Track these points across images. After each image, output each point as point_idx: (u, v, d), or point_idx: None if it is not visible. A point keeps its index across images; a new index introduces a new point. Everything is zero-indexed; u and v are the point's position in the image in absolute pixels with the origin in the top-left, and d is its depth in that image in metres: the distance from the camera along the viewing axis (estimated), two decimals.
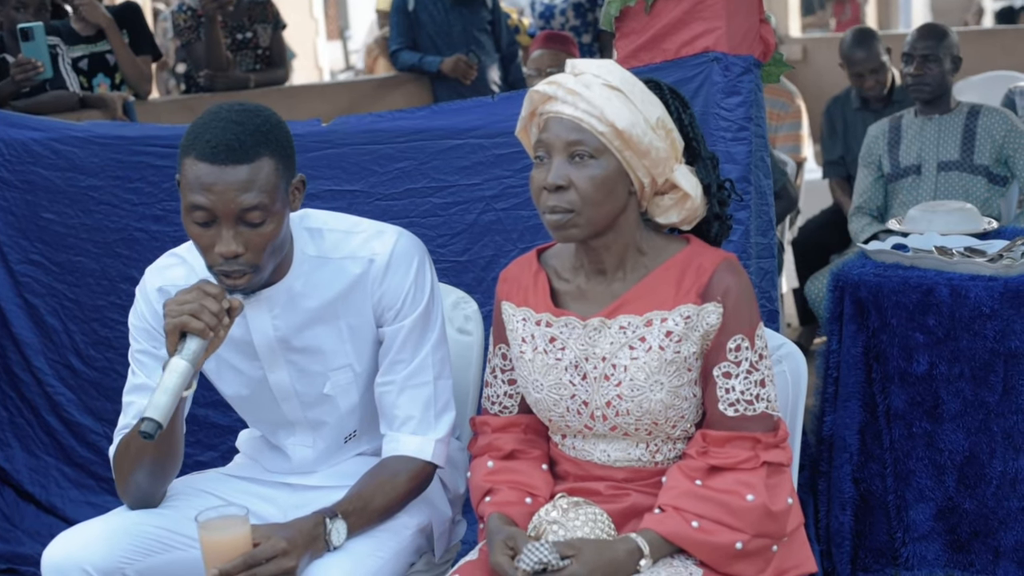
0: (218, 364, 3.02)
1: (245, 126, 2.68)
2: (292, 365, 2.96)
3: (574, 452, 2.83)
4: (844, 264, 3.94)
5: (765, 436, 2.69)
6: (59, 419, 4.63)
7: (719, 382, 2.70)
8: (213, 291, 2.64)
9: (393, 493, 2.91)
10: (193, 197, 2.66)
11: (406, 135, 3.98)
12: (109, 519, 2.89)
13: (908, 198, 5.42)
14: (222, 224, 2.67)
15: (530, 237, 3.84)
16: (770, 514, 2.64)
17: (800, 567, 2.73)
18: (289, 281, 2.90)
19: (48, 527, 4.58)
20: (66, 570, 2.76)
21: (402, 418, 2.95)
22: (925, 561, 3.82)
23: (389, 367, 2.96)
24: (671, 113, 2.71)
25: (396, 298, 2.92)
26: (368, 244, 2.93)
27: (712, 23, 3.50)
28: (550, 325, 2.79)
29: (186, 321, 2.60)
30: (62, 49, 6.26)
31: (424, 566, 3.08)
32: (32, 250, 4.52)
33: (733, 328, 2.69)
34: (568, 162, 2.63)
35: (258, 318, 2.91)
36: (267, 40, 7.51)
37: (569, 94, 2.62)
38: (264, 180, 2.67)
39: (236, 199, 2.65)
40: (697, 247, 2.77)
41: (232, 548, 2.63)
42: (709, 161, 2.78)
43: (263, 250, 2.71)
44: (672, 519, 2.62)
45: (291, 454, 3.09)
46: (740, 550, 2.62)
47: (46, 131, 4.47)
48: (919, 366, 3.72)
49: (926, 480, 3.78)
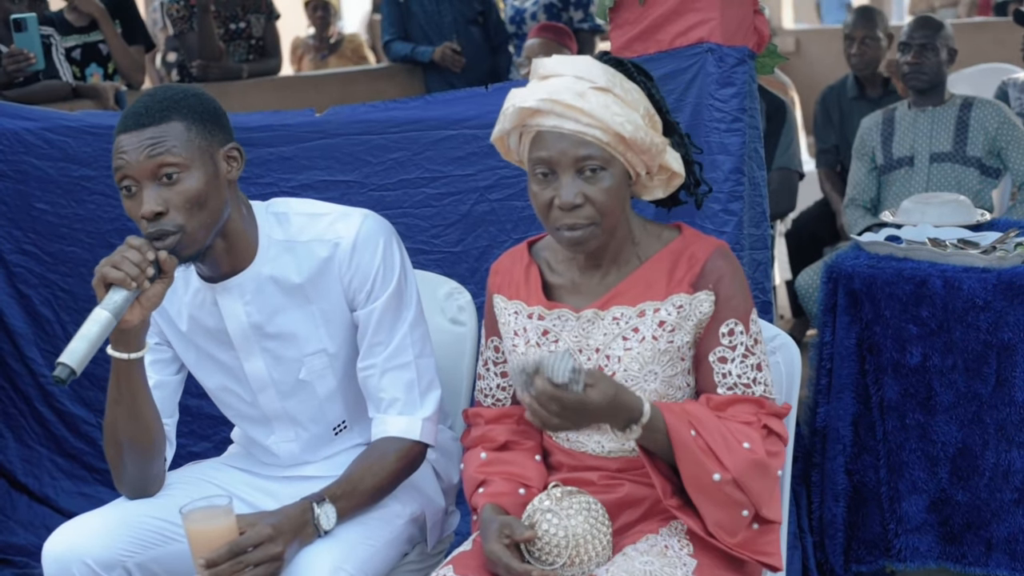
0: (198, 355, 3.02)
1: (155, 96, 2.77)
2: (267, 352, 2.96)
3: (568, 443, 2.83)
4: (838, 256, 3.94)
5: (768, 403, 2.68)
6: (52, 409, 4.63)
7: (715, 367, 2.70)
8: (136, 243, 2.65)
9: (382, 474, 2.90)
10: (115, 164, 2.73)
11: (400, 125, 3.97)
12: (108, 511, 2.89)
13: (901, 190, 5.43)
14: (142, 187, 2.70)
15: (524, 227, 3.83)
16: (758, 467, 2.60)
17: (766, 557, 2.68)
18: (257, 267, 2.90)
19: (41, 517, 4.58)
20: (67, 563, 2.76)
21: (388, 400, 2.94)
22: (918, 553, 3.82)
23: (368, 351, 2.95)
24: (644, 91, 2.69)
25: (365, 279, 2.91)
26: (333, 227, 2.93)
27: (706, 14, 3.49)
28: (542, 318, 2.79)
29: (106, 272, 2.60)
30: (56, 39, 6.25)
31: (417, 556, 3.07)
32: (25, 240, 4.51)
33: (726, 313, 2.69)
34: (578, 177, 2.61)
35: (230, 306, 2.92)
36: (260, 30, 7.51)
37: (568, 109, 2.58)
38: (174, 138, 2.71)
39: (145, 154, 2.68)
40: (689, 237, 2.77)
41: (217, 537, 2.63)
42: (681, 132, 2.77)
43: (183, 208, 2.71)
44: (680, 417, 2.59)
45: (276, 451, 3.09)
46: (716, 482, 2.56)
47: (39, 121, 4.46)
48: (912, 358, 3.72)
49: (919, 472, 3.78)
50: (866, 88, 6.63)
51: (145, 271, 2.62)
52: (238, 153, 2.85)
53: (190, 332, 2.98)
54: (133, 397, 2.78)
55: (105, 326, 2.59)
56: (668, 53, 3.52)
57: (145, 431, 2.83)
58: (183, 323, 2.98)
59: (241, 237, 2.88)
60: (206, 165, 2.75)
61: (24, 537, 4.57)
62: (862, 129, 5.67)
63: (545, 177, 2.64)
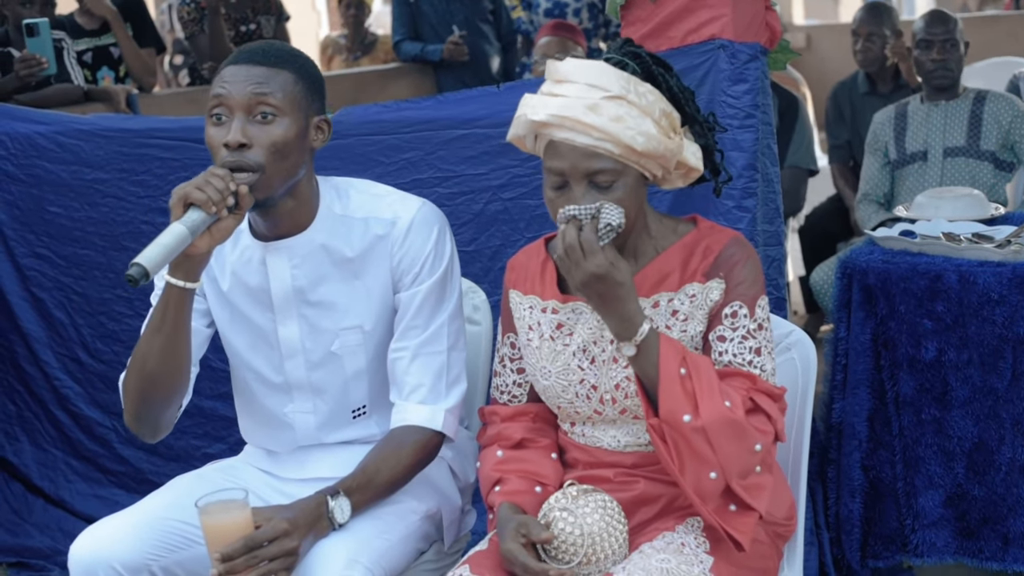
0: (231, 314, 3.02)
1: (276, 46, 2.89)
2: (304, 319, 2.97)
3: (583, 439, 2.83)
4: (852, 251, 3.92)
5: (761, 380, 2.67)
6: (67, 412, 4.64)
7: (713, 345, 2.70)
8: (219, 172, 2.68)
9: (399, 466, 2.90)
10: (213, 91, 2.80)
11: (412, 125, 3.98)
12: (133, 514, 2.88)
13: (914, 184, 5.42)
14: (234, 116, 2.76)
15: (537, 226, 3.83)
16: (732, 426, 2.57)
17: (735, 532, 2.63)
18: (311, 233, 2.93)
19: (56, 520, 4.60)
20: (94, 567, 2.76)
21: (412, 385, 2.95)
22: (935, 548, 3.81)
23: (403, 333, 2.96)
24: (660, 85, 2.68)
25: (415, 262, 2.94)
26: (392, 207, 2.97)
27: (718, 10, 3.49)
28: (556, 312, 2.79)
29: (189, 191, 2.63)
30: (67, 43, 6.26)
31: (434, 555, 3.07)
32: (38, 244, 4.52)
33: (732, 296, 2.69)
34: (591, 188, 2.61)
35: (278, 266, 2.94)
36: (271, 32, 7.51)
37: (578, 124, 2.57)
38: (281, 83, 2.80)
39: (248, 88, 2.77)
40: (705, 229, 2.77)
41: (233, 531, 2.63)
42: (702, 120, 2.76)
43: (267, 148, 2.76)
44: (676, 351, 2.59)
45: (293, 422, 3.06)
46: (685, 424, 2.54)
47: (51, 124, 4.47)
48: (928, 352, 3.71)
49: (935, 467, 3.76)
50: (877, 83, 6.61)
51: (226, 198, 2.65)
52: (326, 126, 2.91)
53: (230, 291, 2.99)
54: (175, 328, 2.76)
55: (180, 240, 2.59)
56: (680, 50, 3.51)
57: (176, 366, 2.81)
58: (225, 281, 2.99)
59: (305, 203, 2.92)
60: (299, 121, 2.82)
61: (40, 540, 4.58)
62: (875, 124, 5.66)
63: (559, 187, 2.65)
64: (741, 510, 2.66)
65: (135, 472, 4.57)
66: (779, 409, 2.68)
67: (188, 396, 2.94)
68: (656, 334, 2.60)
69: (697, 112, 2.75)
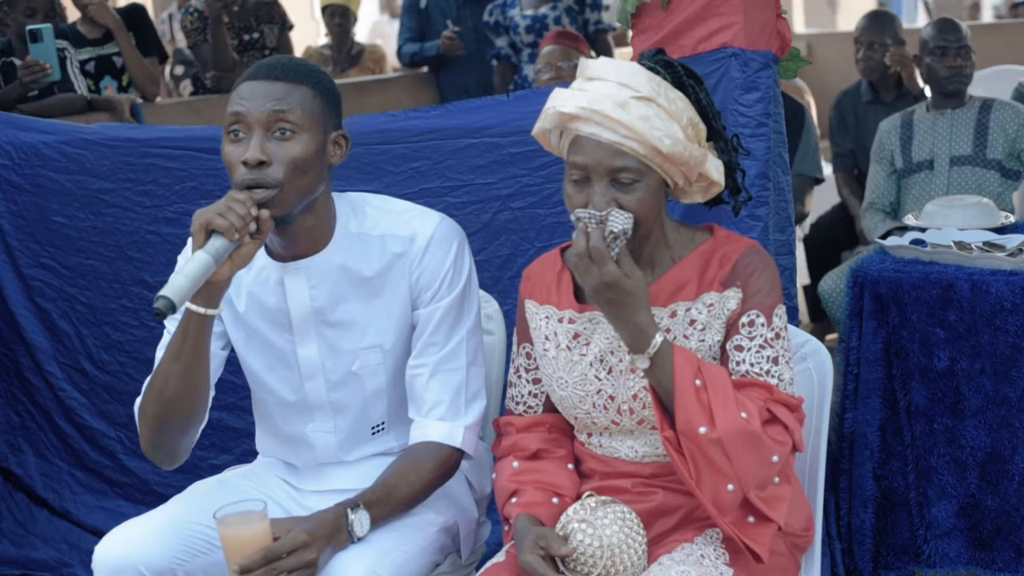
0: (248, 335, 3.01)
1: (295, 61, 2.88)
2: (323, 339, 2.96)
3: (600, 450, 2.81)
4: (863, 260, 3.91)
5: (778, 391, 2.65)
6: (71, 423, 4.61)
7: (731, 354, 2.68)
8: (240, 196, 2.68)
9: (418, 482, 2.88)
10: (231, 108, 2.78)
11: (420, 134, 3.95)
12: (158, 517, 2.87)
13: (920, 193, 5.41)
14: (252, 135, 2.74)
15: (547, 236, 3.81)
16: (749, 438, 2.55)
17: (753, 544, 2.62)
18: (329, 253, 2.92)
19: (61, 532, 4.57)
20: (120, 570, 2.75)
21: (431, 403, 2.93)
22: (947, 559, 3.79)
23: (422, 350, 2.95)
24: (689, 96, 2.68)
25: (434, 278, 2.93)
26: (410, 224, 2.95)
27: (729, 18, 3.46)
28: (573, 321, 2.78)
29: (211, 218, 2.62)
30: (70, 52, 6.24)
31: (449, 567, 3.05)
32: (43, 254, 4.50)
33: (749, 305, 2.68)
34: (611, 186, 2.61)
35: (296, 287, 2.92)
36: (274, 41, 7.51)
37: (606, 119, 2.57)
38: (299, 99, 2.79)
39: (267, 104, 2.75)
40: (721, 238, 2.77)
41: (252, 543, 2.62)
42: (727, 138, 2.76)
43: (286, 165, 2.75)
44: (690, 363, 2.58)
45: (313, 441, 3.05)
46: (701, 436, 2.53)
47: (55, 134, 4.45)
48: (940, 362, 3.70)
49: (948, 477, 3.75)
50: (880, 91, 6.60)
51: (248, 224, 2.65)
52: (344, 141, 2.90)
53: (247, 312, 2.97)
54: (195, 354, 2.76)
55: (205, 269, 2.59)
56: (691, 58, 3.48)
57: (195, 392, 2.81)
58: (241, 303, 2.98)
59: (323, 221, 2.91)
60: (317, 137, 2.81)
61: (44, 552, 4.56)
62: (880, 133, 5.65)
63: (579, 182, 2.64)
64: (760, 521, 2.65)
65: (141, 483, 4.55)
66: (797, 419, 2.66)
67: (205, 421, 2.93)
68: (670, 345, 2.59)
69: (723, 129, 2.75)
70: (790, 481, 2.69)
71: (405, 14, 7.98)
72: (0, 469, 4.67)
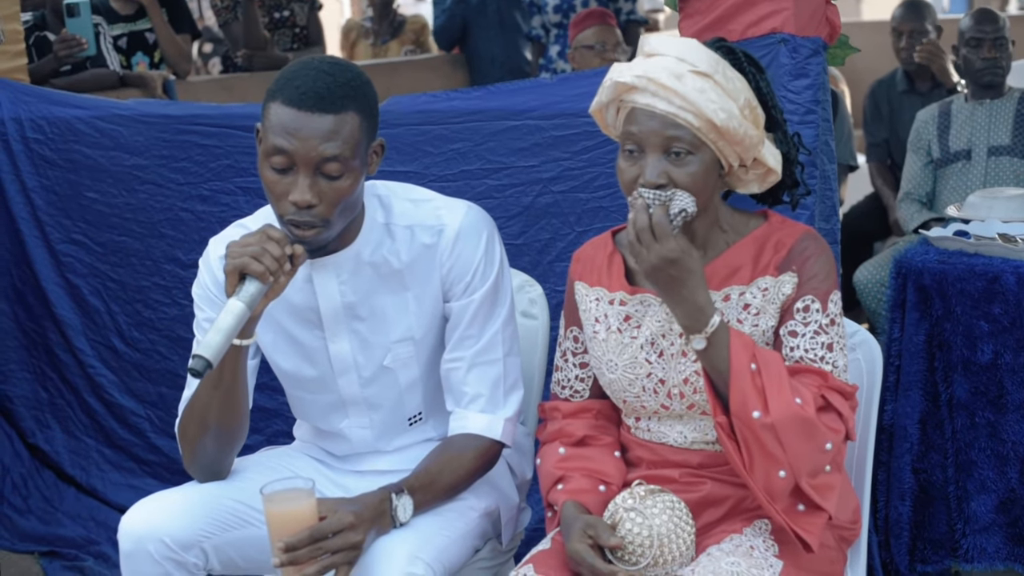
0: (275, 336, 2.97)
1: (336, 77, 2.67)
2: (355, 335, 2.92)
3: (648, 435, 2.78)
4: (906, 251, 3.88)
5: (833, 378, 2.61)
6: (100, 401, 4.60)
7: (785, 340, 2.65)
8: (276, 236, 2.62)
9: (460, 471, 2.86)
10: (275, 140, 2.65)
11: (461, 116, 3.92)
12: (188, 490, 2.85)
13: (958, 184, 5.37)
14: (299, 172, 2.65)
15: (588, 220, 3.78)
16: (803, 424, 2.52)
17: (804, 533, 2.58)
18: (358, 247, 2.87)
19: (88, 510, 4.56)
20: (143, 540, 2.72)
21: (471, 395, 2.90)
22: (985, 554, 3.76)
23: (458, 343, 2.91)
24: (750, 83, 2.65)
25: (466, 271, 2.88)
26: (437, 214, 2.90)
27: (779, 4, 3.42)
28: (624, 304, 2.75)
29: (246, 263, 2.57)
30: (104, 27, 6.22)
31: (489, 553, 3.03)
32: (75, 230, 4.48)
33: (804, 291, 2.65)
34: (664, 158, 2.58)
35: (325, 283, 2.88)
36: (304, 19, 7.51)
37: (661, 88, 2.55)
38: (348, 133, 2.66)
39: (318, 147, 2.63)
40: (776, 223, 2.73)
41: (298, 521, 2.59)
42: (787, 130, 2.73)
43: (336, 205, 2.68)
44: (747, 346, 2.55)
45: (350, 436, 3.04)
46: (755, 421, 2.51)
47: (90, 109, 4.44)
48: (983, 355, 3.66)
49: (988, 471, 3.72)
50: (916, 81, 6.56)
51: (283, 265, 2.61)
52: (381, 150, 2.81)
53: (273, 310, 2.91)
54: (234, 383, 2.76)
55: (241, 318, 2.58)
56: (740, 43, 3.45)
57: (237, 416, 2.81)
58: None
59: (353, 219, 2.84)
60: (363, 165, 2.73)
61: (72, 529, 4.55)
62: (917, 122, 5.60)
63: (632, 154, 2.61)
64: (810, 510, 2.61)
65: (169, 462, 4.53)
66: (851, 407, 2.63)
67: (246, 437, 2.92)
68: (726, 327, 2.56)
69: (784, 122, 2.72)
70: (841, 470, 2.66)
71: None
72: (28, 446, 4.67)
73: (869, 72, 7.36)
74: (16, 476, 4.63)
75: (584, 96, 2.69)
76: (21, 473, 4.65)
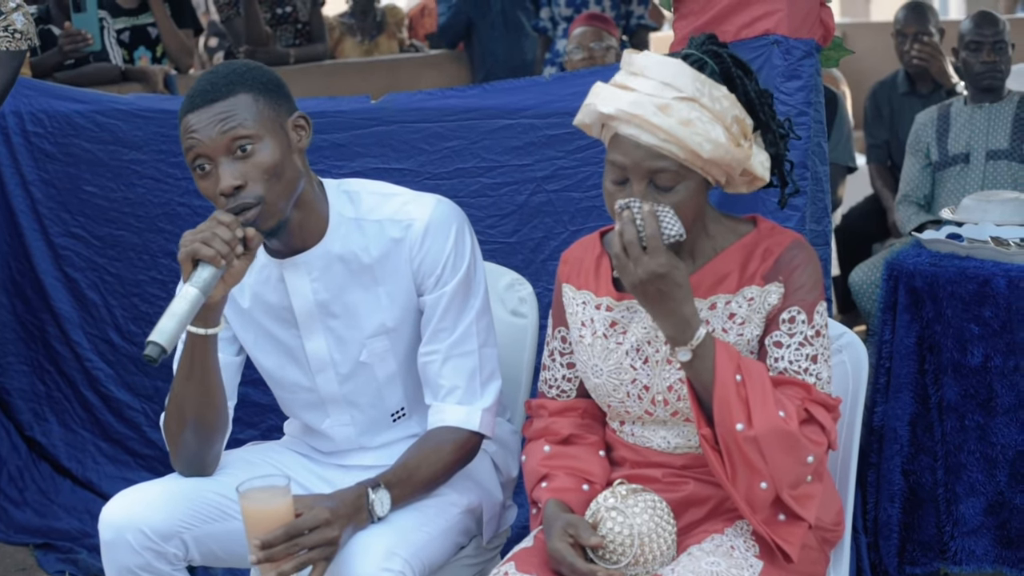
0: (256, 335, 3.00)
1: (218, 72, 2.79)
2: (330, 332, 2.94)
3: (633, 439, 2.79)
4: (898, 253, 3.88)
5: (816, 390, 2.61)
6: (97, 394, 4.62)
7: (769, 350, 2.65)
8: (226, 220, 2.64)
9: (439, 464, 2.87)
10: (186, 144, 2.73)
11: (456, 114, 3.93)
12: (169, 482, 2.88)
13: (956, 187, 5.37)
14: (217, 163, 2.70)
15: (581, 219, 3.79)
16: (786, 438, 2.52)
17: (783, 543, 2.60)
18: (327, 244, 2.89)
19: (84, 502, 4.58)
20: (123, 529, 2.75)
21: (447, 388, 2.91)
22: (974, 556, 3.77)
23: (432, 336, 2.92)
24: (737, 89, 2.62)
25: (436, 264, 2.89)
26: (405, 208, 2.91)
27: (773, 5, 3.42)
28: (611, 309, 2.75)
29: (197, 248, 2.60)
30: (108, 22, 6.24)
31: (473, 550, 3.04)
32: (73, 223, 4.50)
33: (790, 301, 2.64)
34: (650, 187, 2.56)
35: (297, 282, 2.90)
36: (306, 14, 7.51)
37: (645, 123, 2.51)
38: (243, 110, 2.72)
39: (217, 129, 2.70)
40: (765, 231, 2.72)
41: (274, 518, 2.60)
42: (776, 128, 2.70)
43: (261, 179, 2.71)
44: (732, 357, 2.54)
45: (333, 435, 3.05)
46: (738, 433, 2.50)
47: (89, 103, 4.46)
48: (973, 358, 3.67)
49: (977, 474, 3.72)
50: (917, 84, 6.56)
51: (235, 248, 2.62)
52: (304, 122, 2.85)
53: (252, 309, 2.96)
54: (205, 374, 2.78)
55: (194, 303, 2.59)
56: (733, 45, 3.45)
57: (212, 409, 2.83)
58: (245, 300, 2.96)
59: (313, 211, 2.87)
60: (277, 135, 2.76)
61: (67, 522, 4.57)
62: (916, 125, 5.60)
63: (618, 182, 2.60)
64: (790, 520, 2.62)
65: (164, 456, 4.49)
66: (833, 419, 2.64)
67: (228, 431, 2.94)
68: (712, 339, 2.55)
69: (772, 119, 2.69)
70: (822, 479, 2.66)
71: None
72: (25, 438, 4.69)
73: (875, 73, 7.35)
74: (12, 468, 4.66)
75: (579, 96, 2.68)
76: (18, 465, 4.67)
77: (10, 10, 3.86)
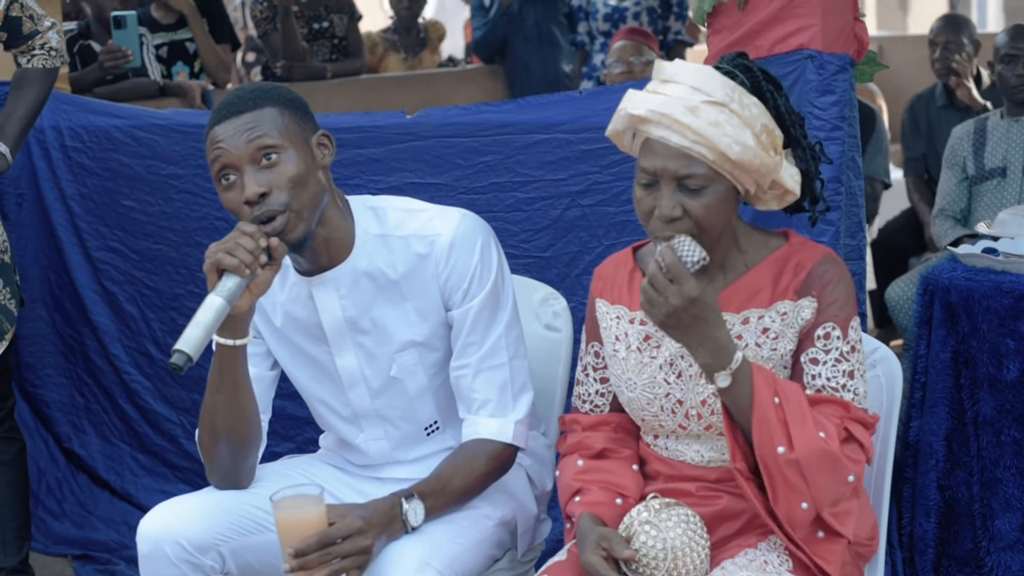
0: (291, 350, 3.02)
1: (244, 89, 2.85)
2: (360, 348, 2.96)
3: (667, 452, 2.79)
4: (933, 268, 3.86)
5: (855, 408, 2.61)
6: (135, 407, 4.65)
7: (805, 367, 2.64)
8: (249, 230, 2.66)
9: (473, 475, 2.89)
10: (212, 155, 2.77)
11: (491, 128, 3.95)
12: (207, 494, 2.91)
13: (992, 201, 5.34)
14: (242, 172, 2.73)
15: (615, 234, 3.80)
16: (827, 458, 2.52)
17: (823, 563, 2.60)
18: (353, 260, 2.91)
19: (122, 514, 4.61)
20: (161, 542, 2.77)
21: (480, 401, 2.93)
22: (1010, 572, 3.74)
23: (462, 350, 2.94)
24: (767, 102, 2.63)
25: (463, 278, 2.90)
26: (431, 223, 2.92)
27: (807, 20, 3.43)
28: (644, 323, 2.75)
29: (220, 258, 2.62)
30: (147, 38, 6.29)
31: (508, 563, 3.05)
32: (112, 237, 4.54)
33: (825, 317, 2.64)
34: (679, 190, 2.57)
35: (325, 299, 2.92)
36: (343, 30, 7.54)
37: (675, 123, 2.53)
38: (269, 122, 2.77)
39: (243, 139, 2.73)
40: (796, 244, 2.73)
41: (307, 527, 2.62)
42: (807, 146, 2.71)
43: (286, 187, 2.74)
44: (769, 381, 2.53)
45: (367, 450, 3.07)
46: (779, 456, 2.49)
47: (128, 119, 4.50)
48: (1010, 373, 3.64)
49: (1013, 489, 3.70)
50: (955, 96, 6.53)
51: (258, 258, 2.64)
52: (328, 140, 2.88)
53: (284, 327, 2.99)
54: (235, 385, 2.79)
55: (219, 312, 2.61)
56: (767, 59, 3.46)
57: (244, 421, 2.84)
58: (277, 319, 2.98)
59: (339, 228, 2.89)
60: (302, 148, 2.79)
61: (105, 533, 4.60)
62: (953, 139, 5.58)
63: (648, 185, 2.61)
64: (829, 537, 2.62)
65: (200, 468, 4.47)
66: (870, 435, 2.64)
67: (263, 444, 2.96)
68: (747, 362, 2.53)
69: (803, 137, 2.70)
70: (858, 495, 2.66)
71: (474, 11, 8.05)
72: (64, 450, 4.73)
73: (912, 85, 7.35)
74: (51, 480, 4.69)
75: (613, 110, 2.69)
76: (56, 477, 4.71)
77: (46, 28, 3.91)
